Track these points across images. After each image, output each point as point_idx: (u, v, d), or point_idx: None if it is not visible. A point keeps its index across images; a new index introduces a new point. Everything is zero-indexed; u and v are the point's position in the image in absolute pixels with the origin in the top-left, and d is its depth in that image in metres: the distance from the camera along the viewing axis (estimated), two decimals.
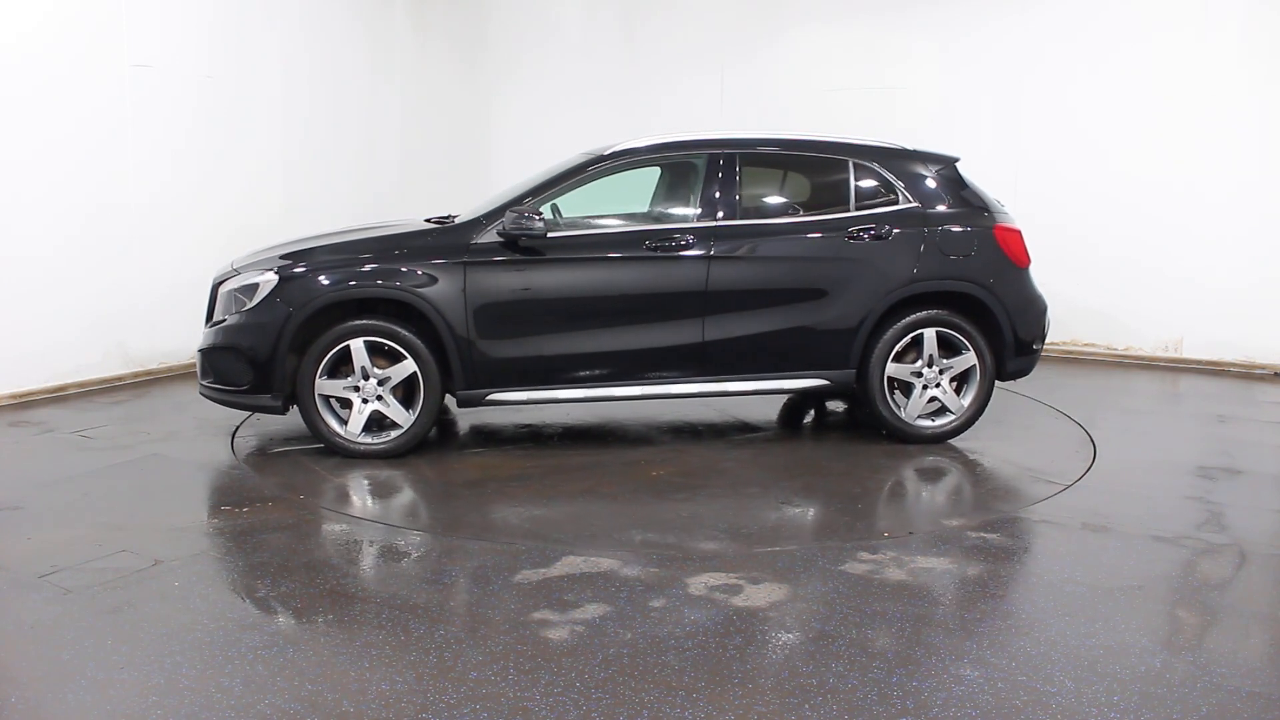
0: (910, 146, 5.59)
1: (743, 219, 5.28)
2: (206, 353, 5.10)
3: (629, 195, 5.74)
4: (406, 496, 4.65)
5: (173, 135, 7.04)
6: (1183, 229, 7.93)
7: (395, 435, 5.04)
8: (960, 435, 5.45)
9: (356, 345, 4.94)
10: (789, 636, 3.15)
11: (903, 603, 3.40)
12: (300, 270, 5.00)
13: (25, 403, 6.17)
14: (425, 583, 3.56)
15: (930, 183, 5.44)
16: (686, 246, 5.15)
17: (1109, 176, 8.17)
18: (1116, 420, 6.18)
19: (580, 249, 5.17)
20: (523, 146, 10.06)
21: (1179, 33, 7.84)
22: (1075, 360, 8.28)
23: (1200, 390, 7.25)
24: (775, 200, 5.65)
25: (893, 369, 5.33)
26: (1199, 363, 7.98)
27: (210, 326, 5.14)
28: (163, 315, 7.03)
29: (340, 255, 5.08)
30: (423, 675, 2.86)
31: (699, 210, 5.30)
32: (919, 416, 5.40)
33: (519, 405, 5.29)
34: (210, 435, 5.52)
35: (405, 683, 2.82)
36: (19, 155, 6.09)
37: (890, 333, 5.29)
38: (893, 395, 5.38)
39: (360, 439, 5.04)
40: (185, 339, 6.87)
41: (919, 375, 5.36)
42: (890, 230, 5.30)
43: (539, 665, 2.92)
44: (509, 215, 4.99)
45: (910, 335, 5.32)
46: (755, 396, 5.95)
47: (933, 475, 5.04)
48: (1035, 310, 5.50)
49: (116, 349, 6.84)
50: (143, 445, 5.27)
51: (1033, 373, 5.64)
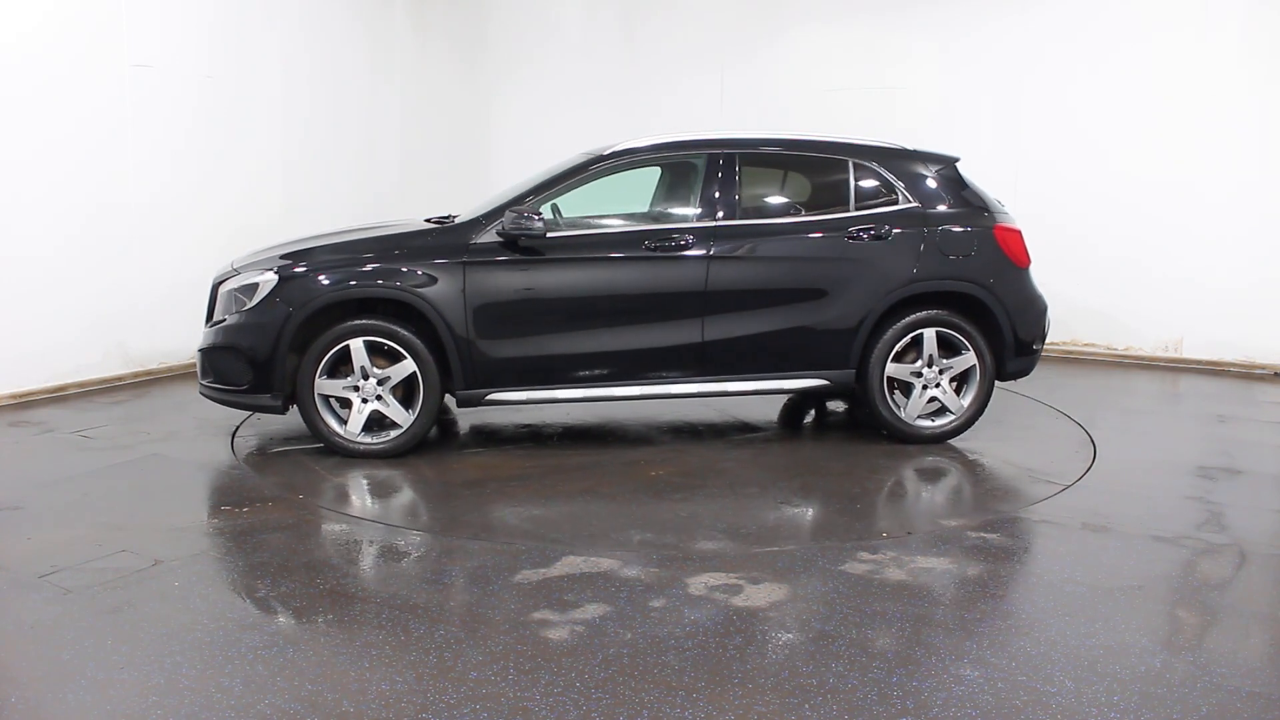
0: (910, 146, 5.59)
1: (743, 219, 5.28)
2: (206, 352, 5.10)
3: (629, 195, 5.74)
4: (406, 496, 4.65)
5: (173, 135, 7.05)
6: (1183, 229, 7.94)
7: (395, 435, 5.04)
8: (960, 435, 5.45)
9: (356, 345, 4.94)
10: (789, 636, 3.15)
11: (902, 603, 3.40)
12: (300, 270, 5.00)
13: (25, 403, 6.17)
14: (425, 583, 3.56)
15: (930, 183, 5.44)
16: (686, 246, 5.15)
17: (1109, 176, 8.17)
18: (1116, 420, 6.18)
19: (580, 249, 5.17)
20: (523, 146, 10.06)
21: (1179, 33, 7.84)
22: (1075, 360, 8.28)
23: (1200, 390, 7.24)
24: (775, 200, 5.64)
25: (892, 369, 5.33)
26: (1199, 363, 7.98)
27: (210, 326, 5.15)
28: (163, 315, 7.03)
29: (340, 255, 5.08)
30: (423, 675, 2.86)
31: (699, 210, 5.30)
32: (919, 416, 5.40)
33: (519, 405, 5.29)
34: (210, 435, 5.52)
35: (405, 683, 2.82)
36: (19, 155, 6.09)
37: (890, 333, 5.29)
38: (892, 395, 5.38)
39: (360, 439, 5.04)
40: (185, 339, 6.87)
41: (919, 375, 5.36)
42: (890, 230, 5.30)
43: (539, 665, 2.92)
44: (509, 215, 4.99)
45: (910, 335, 5.31)
46: (755, 396, 5.95)
47: (932, 475, 5.04)
48: (1035, 310, 5.50)
49: (116, 349, 6.84)
50: (143, 445, 5.27)
51: (1033, 373, 5.64)
